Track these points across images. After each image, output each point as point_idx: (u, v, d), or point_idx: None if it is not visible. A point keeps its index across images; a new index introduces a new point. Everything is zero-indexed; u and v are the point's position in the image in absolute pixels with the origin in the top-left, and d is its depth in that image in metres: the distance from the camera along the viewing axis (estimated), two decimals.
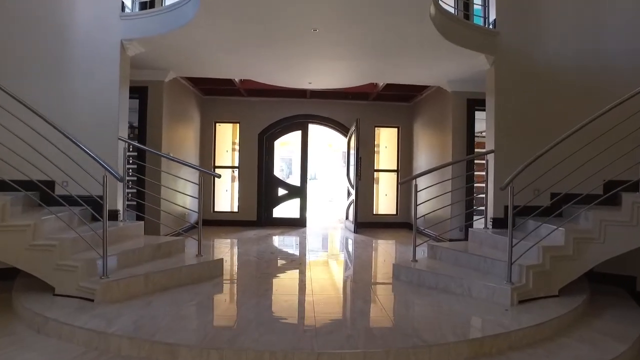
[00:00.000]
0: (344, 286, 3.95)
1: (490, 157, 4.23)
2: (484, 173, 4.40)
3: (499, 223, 4.15)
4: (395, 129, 7.71)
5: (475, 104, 5.55)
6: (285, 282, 3.90)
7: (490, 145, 4.32)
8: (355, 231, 6.72)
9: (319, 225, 7.88)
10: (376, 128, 7.65)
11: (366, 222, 7.29)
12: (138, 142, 5.25)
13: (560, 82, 4.05)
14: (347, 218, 7.40)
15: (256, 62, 4.85)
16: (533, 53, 4.13)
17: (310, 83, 5.74)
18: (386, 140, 8.52)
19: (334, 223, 8.50)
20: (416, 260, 3.82)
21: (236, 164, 7.58)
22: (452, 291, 3.10)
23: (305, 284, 3.65)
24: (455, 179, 5.44)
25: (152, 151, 4.30)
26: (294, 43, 4.25)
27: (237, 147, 7.67)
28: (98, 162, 2.85)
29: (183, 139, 6.26)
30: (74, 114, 3.79)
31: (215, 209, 7.41)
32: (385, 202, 7.99)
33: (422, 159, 6.86)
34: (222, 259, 3.76)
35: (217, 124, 7.46)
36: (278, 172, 14.17)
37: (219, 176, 3.90)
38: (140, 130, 5.26)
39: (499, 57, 4.16)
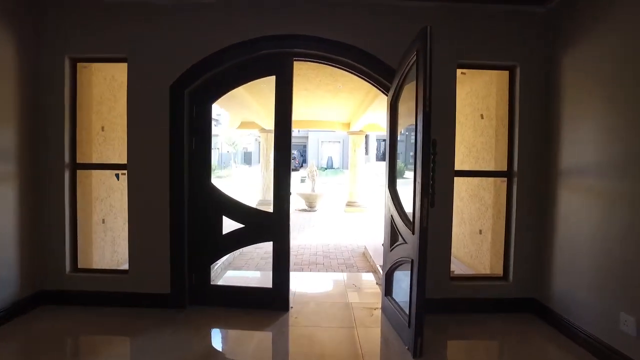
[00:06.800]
0: None
1: None
2: None
3: None
4: (505, 73, 3.22)
5: None
6: None
7: None
8: (417, 354, 2.37)
9: (323, 299, 3.58)
10: (460, 72, 3.18)
11: (437, 300, 2.97)
12: None
13: None
14: (388, 293, 3.05)
15: None
16: None
17: None
18: (478, 99, 4.17)
19: (355, 278, 4.18)
20: None
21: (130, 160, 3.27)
22: None
23: None
24: None
25: None
26: None
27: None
28: None
29: None
30: None
31: (80, 264, 3.20)
32: (476, 247, 3.62)
33: (611, 149, 2.40)
34: None
35: (80, 65, 3.17)
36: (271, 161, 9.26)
37: None
38: None
39: None
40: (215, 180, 3.27)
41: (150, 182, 3.04)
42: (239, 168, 27.58)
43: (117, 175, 3.49)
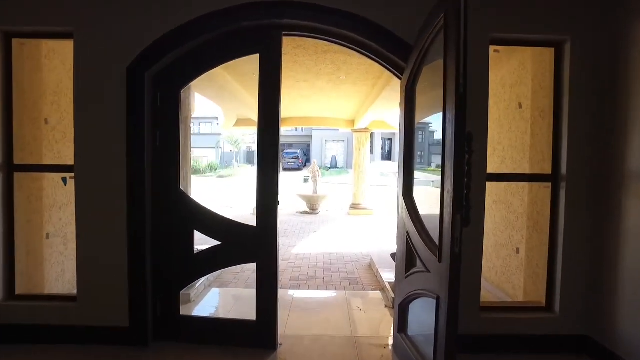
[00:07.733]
0: None
1: None
2: None
3: None
4: (548, 52, 2.57)
5: None
6: None
7: None
8: None
9: (321, 330, 2.95)
10: (493, 49, 2.54)
11: (463, 336, 2.31)
12: None
13: None
14: (401, 330, 2.41)
15: None
16: None
17: None
18: (505, 89, 3.54)
19: (360, 299, 3.54)
20: None
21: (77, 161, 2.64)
22: None
23: None
24: None
25: None
26: None
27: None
28: None
29: None
30: None
31: (23, 288, 2.60)
32: (502, 262, 2.99)
33: None
34: None
35: (17, 41, 2.56)
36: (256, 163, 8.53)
37: None
38: None
39: None
40: (216, 180, 2.65)
41: (103, 187, 2.43)
42: (241, 167, 27.08)
43: (64, 179, 2.89)
